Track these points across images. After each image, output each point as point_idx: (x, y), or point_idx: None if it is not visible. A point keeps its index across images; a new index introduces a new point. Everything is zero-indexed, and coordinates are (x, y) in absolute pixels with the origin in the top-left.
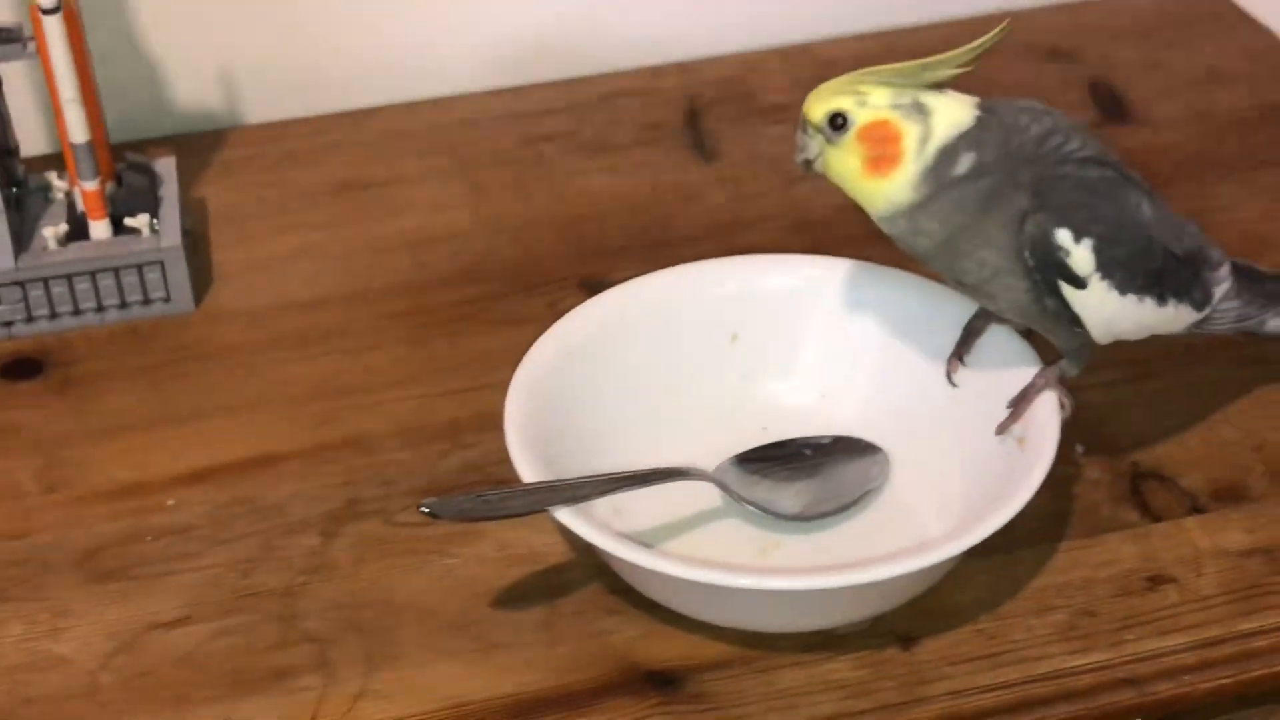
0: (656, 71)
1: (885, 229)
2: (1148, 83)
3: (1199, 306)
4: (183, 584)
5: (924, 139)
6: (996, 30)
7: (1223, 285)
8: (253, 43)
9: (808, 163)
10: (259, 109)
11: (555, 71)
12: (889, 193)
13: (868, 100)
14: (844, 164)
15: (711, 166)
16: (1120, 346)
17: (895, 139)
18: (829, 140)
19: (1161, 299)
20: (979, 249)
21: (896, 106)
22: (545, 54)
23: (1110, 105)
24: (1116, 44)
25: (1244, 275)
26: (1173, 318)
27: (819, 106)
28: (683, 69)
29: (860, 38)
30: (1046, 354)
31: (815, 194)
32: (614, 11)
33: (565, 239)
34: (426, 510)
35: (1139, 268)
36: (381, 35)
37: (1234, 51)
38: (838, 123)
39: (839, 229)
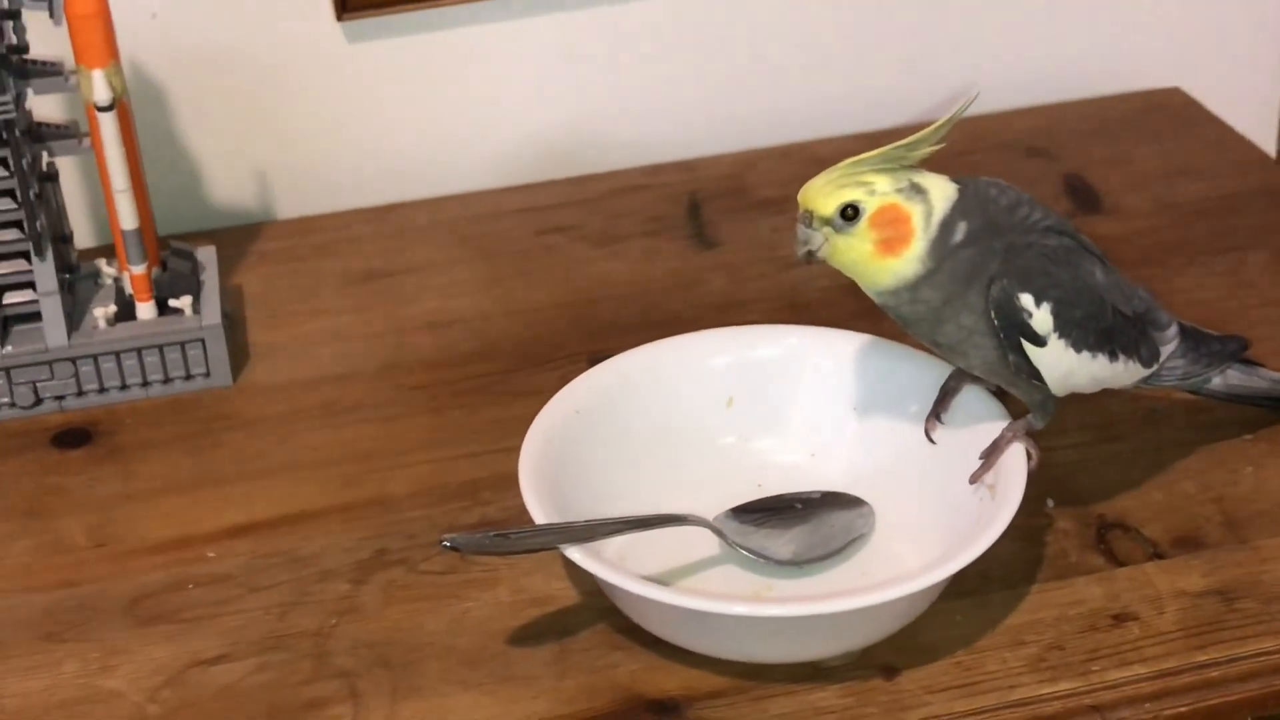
0: (659, 169)
1: (882, 301)
2: (1117, 176)
3: (1147, 363)
4: (223, 626)
5: (927, 215)
6: (964, 102)
7: (1170, 344)
8: (286, 145)
9: (810, 253)
10: (291, 205)
11: (565, 170)
12: (898, 269)
13: (875, 189)
14: (855, 249)
15: (710, 254)
16: (1089, 410)
17: (905, 219)
18: (838, 230)
19: (1113, 355)
20: (960, 313)
21: (899, 190)
22: (555, 154)
23: (1084, 197)
24: (1089, 141)
25: (1190, 336)
26: (1123, 372)
27: (828, 201)
28: (683, 167)
29: (847, 138)
30: (1015, 410)
31: (806, 277)
32: (619, 115)
33: (574, 320)
34: (448, 544)
35: (1092, 327)
36: (404, 139)
37: (1196, 145)
38: (849, 214)
39: (826, 309)
